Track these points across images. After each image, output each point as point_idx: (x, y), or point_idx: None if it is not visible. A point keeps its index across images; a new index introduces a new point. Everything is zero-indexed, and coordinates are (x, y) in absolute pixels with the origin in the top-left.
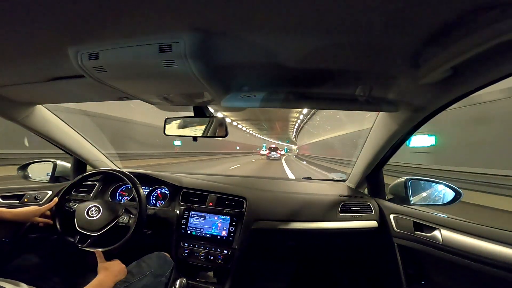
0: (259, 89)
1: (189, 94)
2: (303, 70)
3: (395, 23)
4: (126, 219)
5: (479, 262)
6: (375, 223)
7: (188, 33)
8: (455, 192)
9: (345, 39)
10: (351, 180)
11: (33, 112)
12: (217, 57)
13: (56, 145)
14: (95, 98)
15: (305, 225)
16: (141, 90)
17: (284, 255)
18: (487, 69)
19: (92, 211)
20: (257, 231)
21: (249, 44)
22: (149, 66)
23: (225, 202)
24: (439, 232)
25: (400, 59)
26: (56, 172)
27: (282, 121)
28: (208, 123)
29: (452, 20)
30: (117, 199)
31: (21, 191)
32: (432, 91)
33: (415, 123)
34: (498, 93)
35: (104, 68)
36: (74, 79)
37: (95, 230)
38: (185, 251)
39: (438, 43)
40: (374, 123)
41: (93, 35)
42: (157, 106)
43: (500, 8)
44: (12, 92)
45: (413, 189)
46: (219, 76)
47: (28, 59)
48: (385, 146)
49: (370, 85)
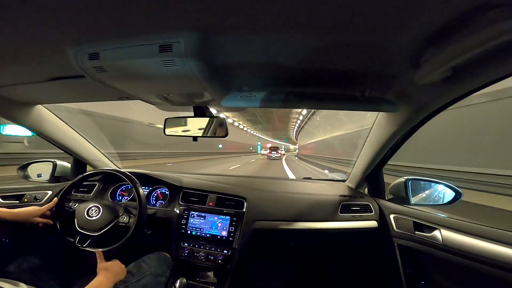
0: (259, 89)
1: (189, 94)
2: (303, 70)
3: (395, 23)
4: (126, 219)
5: (479, 262)
6: (375, 223)
7: (188, 33)
8: (455, 192)
9: (345, 39)
10: (351, 180)
11: (33, 112)
12: (217, 57)
13: (56, 145)
14: (95, 98)
15: (305, 225)
16: (141, 90)
17: (284, 255)
18: (487, 69)
19: (92, 211)
20: (257, 231)
21: (249, 44)
22: (149, 66)
23: (225, 202)
24: (439, 232)
25: (400, 59)
26: (56, 172)
27: (282, 116)
28: (208, 123)
29: (452, 20)
30: (117, 199)
31: (21, 191)
32: (432, 91)
33: (415, 123)
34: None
35: (104, 68)
36: (74, 79)
37: (95, 230)
38: (185, 251)
39: (438, 43)
40: (374, 123)
41: (93, 35)
42: (157, 106)
43: (500, 8)
44: (12, 92)
45: (413, 189)
46: (219, 76)
47: (28, 59)
48: (385, 146)
49: (370, 85)
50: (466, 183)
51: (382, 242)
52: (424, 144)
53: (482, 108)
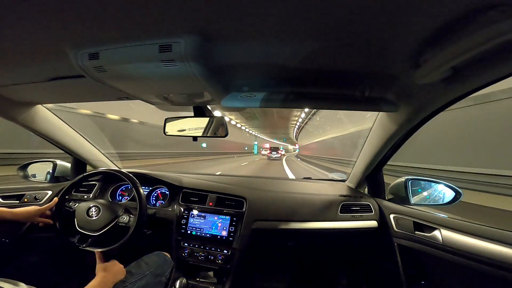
0: (259, 89)
1: (189, 94)
2: (303, 70)
3: (395, 23)
4: (126, 219)
5: (479, 262)
6: (375, 223)
7: (188, 33)
8: (455, 192)
9: (345, 39)
10: (351, 180)
11: (33, 112)
12: (217, 57)
13: (56, 145)
14: (95, 98)
15: (305, 225)
16: (141, 90)
17: (284, 255)
18: (487, 69)
19: (92, 211)
20: (257, 231)
21: (248, 44)
22: (149, 66)
23: (225, 202)
24: (439, 232)
25: (400, 59)
26: (56, 172)
27: (281, 111)
28: (208, 123)
29: (452, 20)
30: (117, 199)
31: (21, 191)
32: (432, 91)
33: (415, 123)
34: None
35: (104, 68)
36: (74, 79)
37: (95, 230)
38: (185, 251)
39: (438, 43)
40: (374, 123)
41: (93, 35)
42: (157, 106)
43: (500, 8)
44: (12, 92)
45: (413, 189)
46: (219, 76)
47: (28, 59)
48: (385, 146)
49: (370, 85)
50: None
51: (382, 242)
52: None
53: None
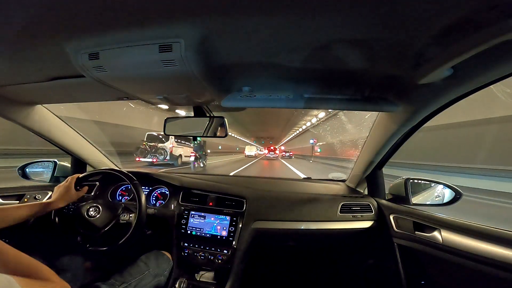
0: (259, 89)
1: (189, 94)
2: (303, 70)
3: (395, 23)
4: (127, 217)
5: (479, 262)
6: (375, 223)
7: (188, 33)
8: (455, 192)
9: (345, 39)
10: (351, 180)
11: (33, 112)
12: (217, 57)
13: (56, 145)
14: (95, 98)
15: (305, 225)
16: (141, 90)
17: (284, 255)
18: (487, 69)
19: (92, 211)
20: (257, 231)
21: (248, 44)
22: (149, 66)
23: (225, 202)
24: (439, 232)
25: (400, 59)
26: (56, 172)
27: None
28: (208, 123)
29: (452, 20)
30: (117, 199)
31: (21, 191)
32: (432, 91)
33: (415, 123)
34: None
35: (104, 68)
36: (74, 79)
37: (95, 230)
38: (185, 251)
39: (438, 43)
40: (374, 123)
41: (93, 35)
42: (157, 106)
43: (500, 8)
44: (12, 92)
45: (413, 189)
46: (219, 76)
47: (28, 59)
48: (385, 146)
49: (370, 85)
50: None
51: (382, 242)
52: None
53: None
